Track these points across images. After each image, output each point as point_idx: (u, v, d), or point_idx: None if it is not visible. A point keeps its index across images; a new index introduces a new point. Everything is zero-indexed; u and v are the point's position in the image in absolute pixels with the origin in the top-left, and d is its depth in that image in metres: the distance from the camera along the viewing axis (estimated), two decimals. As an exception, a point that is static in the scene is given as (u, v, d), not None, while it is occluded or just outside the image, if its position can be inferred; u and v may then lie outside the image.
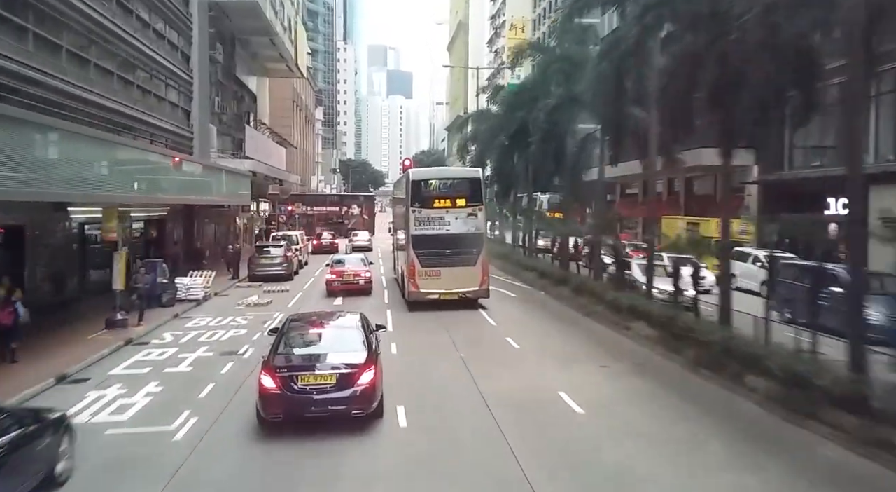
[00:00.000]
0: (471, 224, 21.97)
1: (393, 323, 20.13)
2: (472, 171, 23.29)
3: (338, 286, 25.91)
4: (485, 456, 9.72)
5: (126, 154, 20.69)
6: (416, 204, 21.89)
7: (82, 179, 16.91)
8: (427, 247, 21.81)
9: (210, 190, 31.25)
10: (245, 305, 23.90)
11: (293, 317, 12.93)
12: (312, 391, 10.16)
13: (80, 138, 17.20)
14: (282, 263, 30.62)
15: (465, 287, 21.86)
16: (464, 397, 12.47)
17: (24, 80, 17.61)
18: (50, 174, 15.01)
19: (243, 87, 45.79)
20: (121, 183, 19.99)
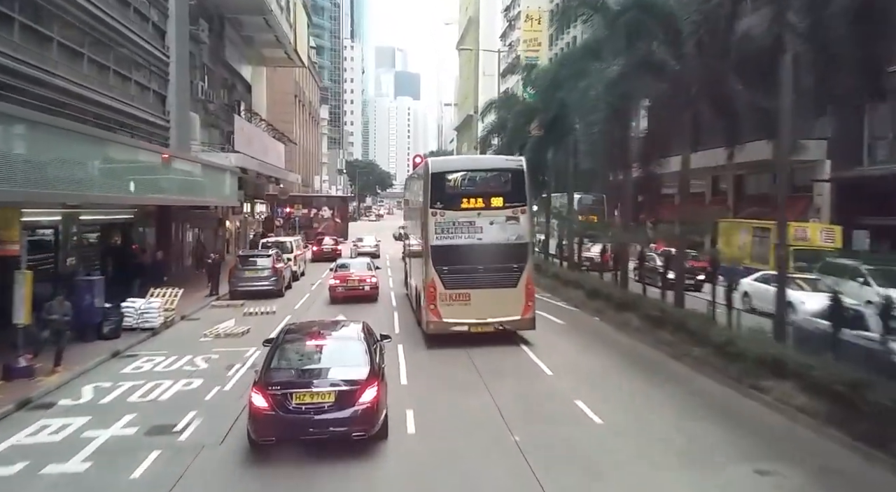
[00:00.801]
0: (511, 231, 16.12)
1: (406, 368, 14.31)
2: (513, 160, 17.27)
3: (341, 292, 23.69)
4: None
5: (72, 143, 15.42)
6: (437, 205, 16.08)
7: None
8: (452, 262, 16.00)
9: (188, 189, 25.60)
10: (213, 336, 18.12)
11: (289, 327, 11.73)
12: (309, 411, 9.07)
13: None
14: (270, 277, 24.84)
15: (503, 316, 16.03)
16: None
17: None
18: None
19: (235, 75, 40.11)
20: (65, 178, 14.69)
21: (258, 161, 35.66)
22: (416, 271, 19.60)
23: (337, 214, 56.51)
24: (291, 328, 11.52)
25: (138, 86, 25.30)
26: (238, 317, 21.25)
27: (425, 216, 16.21)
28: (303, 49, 49.67)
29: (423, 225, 16.45)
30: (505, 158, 18.38)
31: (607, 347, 16.40)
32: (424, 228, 16.36)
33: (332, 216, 55.44)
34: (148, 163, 22.39)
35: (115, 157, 18.98)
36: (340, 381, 9.26)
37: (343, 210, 59.47)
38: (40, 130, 14.04)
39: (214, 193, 29.41)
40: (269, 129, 44.53)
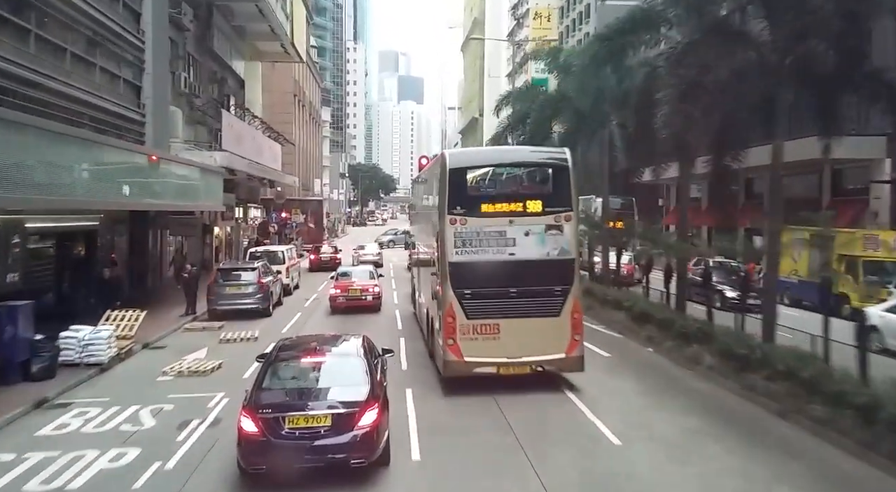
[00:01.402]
0: (552, 244, 12.28)
1: (418, 432, 10.47)
2: (556, 152, 13.20)
3: (342, 303, 22.26)
4: None
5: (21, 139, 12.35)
6: (457, 209, 12.25)
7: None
8: (476, 284, 12.18)
9: (164, 191, 21.96)
10: (175, 374, 14.33)
11: (284, 342, 10.86)
12: (303, 436, 8.18)
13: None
14: (255, 294, 21.05)
15: (542, 354, 12.20)
16: None
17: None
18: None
19: (225, 68, 36.39)
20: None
21: (248, 161, 31.89)
22: (426, 291, 15.81)
23: (311, 219, 50.58)
24: (286, 343, 10.66)
25: (106, 73, 21.58)
26: (212, 345, 17.46)
27: (441, 225, 12.40)
28: (300, 42, 45.98)
29: (439, 236, 12.64)
30: (545, 150, 14.34)
31: (680, 394, 12.43)
32: (440, 239, 12.55)
33: (304, 221, 49.61)
34: (117, 162, 18.79)
35: (71, 154, 15.39)
36: (338, 403, 8.51)
37: (318, 214, 53.46)
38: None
39: (196, 197, 25.65)
40: (265, 128, 40.78)
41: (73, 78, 19.17)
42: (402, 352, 16.18)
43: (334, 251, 37.20)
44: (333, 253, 36.88)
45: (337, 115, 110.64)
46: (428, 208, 14.95)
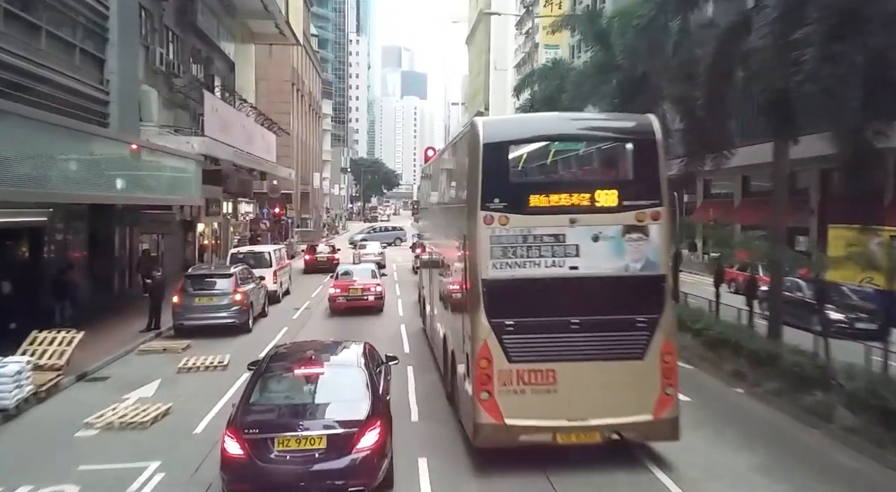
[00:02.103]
0: (634, 254, 8.29)
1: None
2: (637, 120, 9.08)
3: (342, 303, 20.51)
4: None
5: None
6: (494, 202, 8.26)
7: None
8: (522, 311, 8.24)
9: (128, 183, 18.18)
10: (104, 425, 10.37)
11: (278, 349, 9.91)
12: (295, 460, 7.24)
13: None
14: (230, 307, 17.09)
15: (618, 414, 8.19)
16: None
17: None
18: None
19: (212, 47, 32.38)
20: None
21: (235, 150, 27.89)
22: (443, 311, 11.87)
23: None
24: (279, 351, 9.65)
25: (57, 41, 17.66)
26: (168, 375, 13.53)
27: (471, 225, 8.42)
28: (297, 23, 41.97)
29: (467, 241, 8.65)
30: (621, 117, 10.26)
31: (816, 473, 8.43)
32: (469, 246, 8.57)
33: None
34: (68, 146, 15.05)
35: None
36: (335, 422, 7.50)
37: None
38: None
39: (168, 189, 21.75)
40: (258, 115, 36.79)
41: (10, 42, 15.27)
42: (411, 389, 12.25)
43: (332, 251, 33.17)
44: (331, 253, 32.88)
45: (339, 108, 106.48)
46: (448, 203, 10.88)
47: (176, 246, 28.46)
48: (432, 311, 14.51)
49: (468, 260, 8.62)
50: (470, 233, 8.51)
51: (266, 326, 18.91)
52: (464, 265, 8.96)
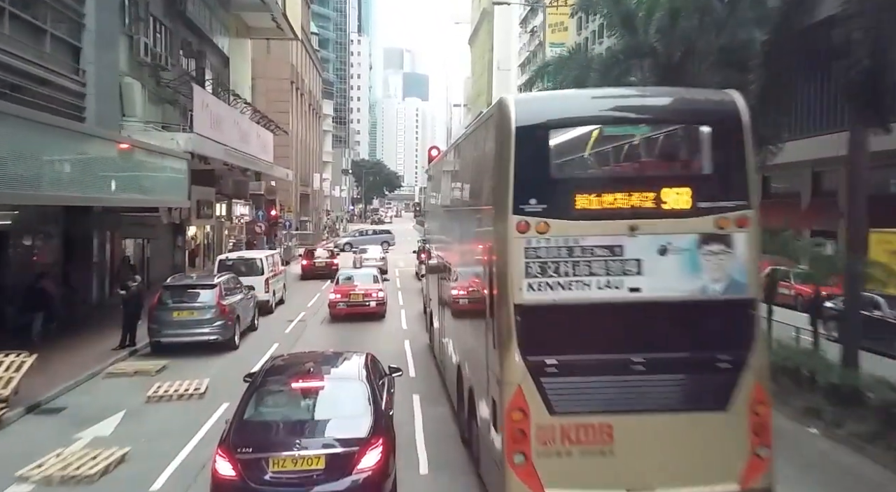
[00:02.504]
0: (714, 271, 6.28)
1: None
2: (715, 97, 6.96)
3: (343, 309, 19.66)
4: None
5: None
6: (528, 203, 6.23)
7: None
8: (567, 347, 6.26)
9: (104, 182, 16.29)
10: (40, 479, 8.37)
11: (275, 361, 9.28)
12: (291, 482, 6.69)
13: None
14: (213, 321, 15.09)
15: (693, 482, 6.15)
16: None
17: None
18: None
19: (204, 40, 30.41)
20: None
21: (226, 148, 25.88)
22: (458, 338, 9.84)
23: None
24: (276, 363, 9.03)
25: (22, 24, 15.73)
26: (135, 405, 11.54)
27: (501, 233, 6.41)
28: (295, 18, 40.00)
29: (493, 255, 6.64)
30: (694, 93, 7.87)
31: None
32: (496, 261, 6.55)
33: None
34: (35, 142, 13.18)
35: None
36: (334, 440, 7.04)
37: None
38: None
39: (153, 189, 19.75)
40: (253, 113, 34.79)
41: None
42: (418, 426, 10.25)
43: (331, 255, 31.12)
44: (329, 258, 30.82)
45: (340, 109, 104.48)
46: (465, 205, 8.83)
47: (164, 251, 26.47)
48: (442, 330, 12.51)
49: (495, 278, 6.61)
50: (498, 243, 6.50)
51: (255, 341, 16.90)
52: (488, 284, 6.96)
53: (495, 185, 6.60)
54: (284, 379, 8.25)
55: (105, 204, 18.12)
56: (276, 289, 21.82)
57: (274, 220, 37.75)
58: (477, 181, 7.85)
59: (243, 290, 17.33)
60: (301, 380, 8.07)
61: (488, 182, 7.00)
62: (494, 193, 6.62)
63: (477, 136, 7.85)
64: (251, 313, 17.76)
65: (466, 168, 8.73)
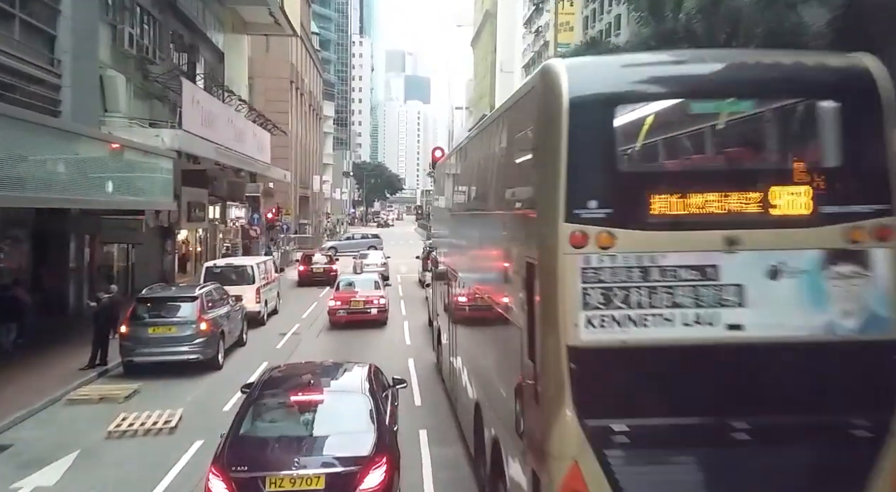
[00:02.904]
0: (846, 300, 4.53)
1: None
2: (842, 63, 4.83)
3: (343, 316, 18.62)
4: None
5: None
6: (586, 207, 4.46)
7: None
8: (642, 408, 4.51)
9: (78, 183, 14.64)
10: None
11: (273, 371, 8.80)
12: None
13: None
14: (192, 338, 13.28)
15: None
16: None
17: None
18: None
19: (197, 34, 28.66)
20: None
21: (217, 146, 24.08)
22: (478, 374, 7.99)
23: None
24: (274, 374, 8.55)
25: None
26: (93, 442, 9.75)
27: (546, 246, 4.63)
28: (294, 15, 38.27)
29: (536, 275, 4.82)
30: (816, 57, 5.34)
31: None
32: (541, 284, 4.73)
33: None
34: None
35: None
36: (335, 458, 6.64)
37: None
38: None
39: (134, 190, 17.99)
40: (249, 111, 33.01)
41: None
42: (426, 475, 8.45)
43: (329, 261, 29.30)
44: (328, 263, 29.00)
45: (341, 111, 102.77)
46: (490, 209, 6.91)
47: (151, 257, 24.70)
48: (452, 348, 10.73)
49: (537, 308, 4.82)
50: (543, 261, 4.72)
51: (242, 359, 15.11)
52: (525, 314, 5.16)
53: (539, 182, 4.81)
54: (283, 392, 7.80)
55: (77, 206, 16.36)
56: (269, 298, 20.03)
57: (270, 223, 35.90)
58: (508, 178, 6.05)
59: (230, 301, 15.53)
60: (300, 393, 7.60)
61: (527, 179, 5.21)
62: (538, 193, 4.83)
63: (509, 119, 6.03)
64: (239, 327, 15.97)
65: (492, 162, 6.89)
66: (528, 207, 5.08)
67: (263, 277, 19.44)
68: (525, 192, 5.28)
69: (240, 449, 6.70)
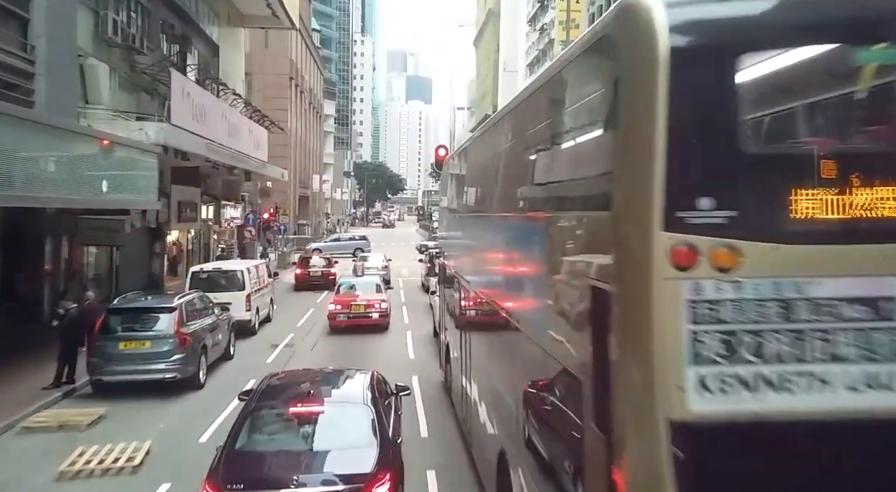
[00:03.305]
0: None
1: None
2: None
3: (343, 321, 17.71)
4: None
5: None
6: (695, 210, 2.89)
7: None
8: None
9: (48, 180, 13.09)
10: None
11: (271, 380, 8.29)
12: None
13: None
14: (170, 354, 11.68)
15: None
16: None
17: None
18: None
19: (189, 24, 27.08)
20: None
21: (208, 142, 22.46)
22: (513, 427, 6.20)
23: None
24: (273, 383, 8.13)
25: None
26: (41, 482, 8.19)
27: (633, 267, 3.09)
28: (293, 6, 36.69)
29: (612, 310, 3.23)
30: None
31: None
32: (625, 325, 3.15)
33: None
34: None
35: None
36: (335, 476, 6.32)
37: None
38: None
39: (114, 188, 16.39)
40: (245, 107, 31.42)
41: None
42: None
43: (328, 264, 27.68)
44: (326, 266, 27.39)
45: (342, 110, 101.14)
46: (531, 209, 5.22)
47: (138, 259, 23.13)
48: (465, 370, 9.15)
49: (614, 357, 3.22)
50: (624, 289, 3.15)
51: (227, 375, 13.53)
52: (591, 364, 3.55)
53: (619, 171, 3.23)
54: (281, 402, 7.42)
55: (45, 205, 14.75)
56: (261, 305, 18.44)
57: (267, 223, 34.29)
58: (557, 167, 4.45)
59: (215, 310, 13.95)
60: (299, 403, 7.23)
61: (593, 166, 3.61)
62: (616, 186, 3.24)
63: (562, 84, 4.41)
64: (225, 339, 14.38)
65: (528, 148, 5.26)
66: (596, 206, 3.48)
67: (255, 282, 17.85)
68: (589, 185, 3.68)
69: (236, 465, 6.40)
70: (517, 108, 5.94)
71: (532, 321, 5.05)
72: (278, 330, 18.35)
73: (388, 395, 8.10)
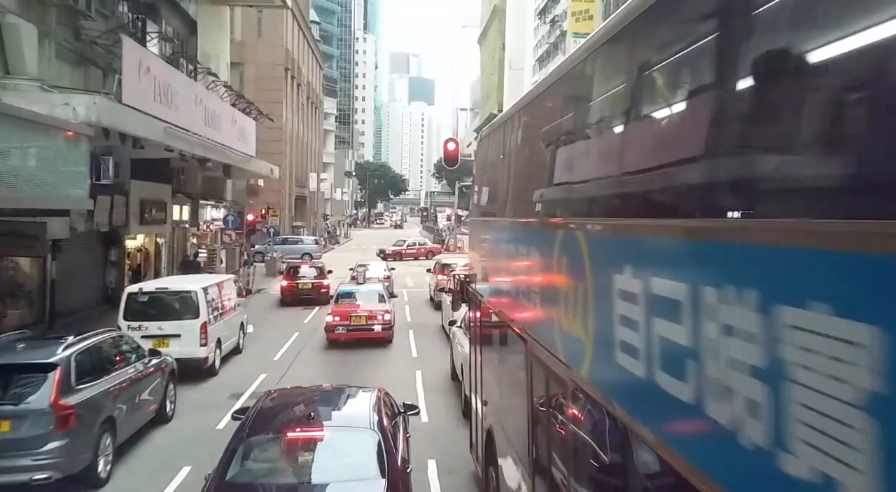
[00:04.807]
0: None
1: None
2: None
3: (342, 334, 15.78)
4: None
5: None
6: None
7: None
8: None
9: None
10: None
11: (268, 400, 7.23)
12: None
13: None
14: (43, 441, 7.09)
15: None
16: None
17: None
18: None
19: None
20: None
21: (168, 126, 17.79)
22: None
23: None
24: (268, 404, 7.05)
25: None
26: None
27: None
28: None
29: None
30: None
31: None
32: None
33: None
34: None
35: None
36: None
37: None
38: None
39: (15, 181, 11.81)
40: (227, 92, 26.83)
41: None
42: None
43: (319, 274, 22.93)
44: (318, 277, 22.65)
45: (344, 109, 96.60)
46: None
47: (88, 270, 18.64)
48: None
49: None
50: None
51: (151, 457, 8.91)
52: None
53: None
54: (277, 427, 6.45)
55: None
56: (226, 335, 13.78)
57: (252, 225, 29.63)
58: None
59: (137, 359, 9.35)
60: (298, 429, 6.31)
61: None
62: None
63: None
64: (158, 398, 9.78)
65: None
66: None
67: (216, 305, 13.22)
68: None
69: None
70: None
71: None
72: (247, 369, 13.69)
73: (394, 415, 7.15)
